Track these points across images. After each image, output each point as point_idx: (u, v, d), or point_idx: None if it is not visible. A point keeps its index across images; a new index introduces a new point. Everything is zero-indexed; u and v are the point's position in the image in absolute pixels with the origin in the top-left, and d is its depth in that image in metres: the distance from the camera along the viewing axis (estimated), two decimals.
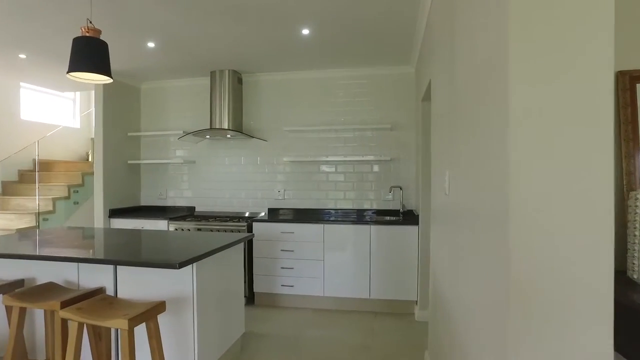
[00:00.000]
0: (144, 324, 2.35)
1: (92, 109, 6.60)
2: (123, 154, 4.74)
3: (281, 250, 4.07)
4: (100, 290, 2.36)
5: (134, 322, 1.86)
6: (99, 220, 4.39)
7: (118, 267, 2.44)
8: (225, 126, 4.45)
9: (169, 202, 4.98)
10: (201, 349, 2.39)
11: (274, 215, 4.53)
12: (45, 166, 5.97)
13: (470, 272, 1.44)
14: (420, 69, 3.54)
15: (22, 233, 3.17)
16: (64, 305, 2.09)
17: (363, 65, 4.30)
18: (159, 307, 2.05)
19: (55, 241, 2.77)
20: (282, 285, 4.07)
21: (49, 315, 2.42)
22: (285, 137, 4.65)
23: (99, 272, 2.50)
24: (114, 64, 4.23)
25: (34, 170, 5.91)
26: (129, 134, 4.81)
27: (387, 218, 4.23)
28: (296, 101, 4.63)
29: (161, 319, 2.38)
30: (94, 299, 2.11)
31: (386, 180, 4.41)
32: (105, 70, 2.53)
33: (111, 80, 2.63)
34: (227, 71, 4.47)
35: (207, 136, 4.59)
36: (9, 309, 2.39)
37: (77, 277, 2.56)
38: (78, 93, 7.08)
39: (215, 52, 3.89)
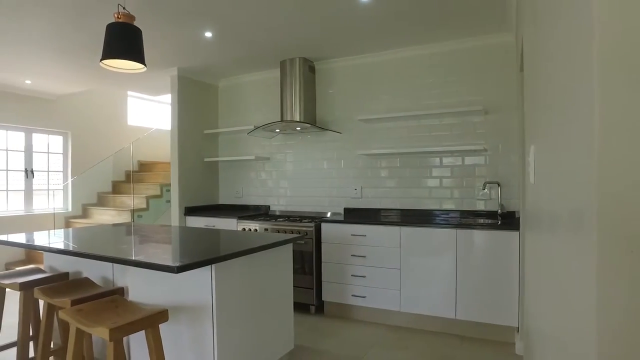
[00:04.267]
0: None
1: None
2: (200, 152, 4.75)
3: (352, 255, 3.58)
4: (119, 291, 2.18)
5: (117, 332, 1.58)
6: (175, 218, 4.43)
7: (131, 268, 2.24)
8: (297, 118, 4.13)
9: (245, 201, 4.85)
10: None
11: (350, 215, 4.06)
12: (146, 167, 6.40)
13: (548, 296, 0.81)
14: (519, 32, 2.75)
15: (86, 228, 3.24)
16: (75, 303, 1.94)
17: (445, 38, 3.59)
18: (158, 316, 1.75)
19: (108, 237, 2.72)
20: (353, 296, 3.58)
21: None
22: (362, 128, 4.15)
23: (123, 272, 2.34)
24: (184, 62, 4.23)
25: (139, 171, 6.38)
26: (205, 131, 4.80)
27: (480, 221, 3.45)
28: (373, 88, 4.10)
29: (176, 329, 2.10)
30: (102, 301, 1.91)
31: (480, 175, 3.61)
32: (137, 57, 2.37)
33: (145, 69, 2.47)
34: (297, 59, 4.15)
35: (277, 130, 4.33)
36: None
37: (112, 275, 2.44)
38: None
39: (277, 38, 3.59)
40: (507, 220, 3.37)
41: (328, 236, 3.69)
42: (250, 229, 4.04)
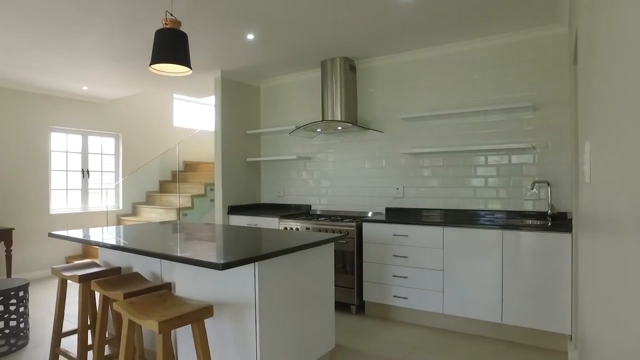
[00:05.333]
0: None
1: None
2: (242, 152, 4.85)
3: (393, 255, 3.54)
4: (167, 286, 2.26)
5: (166, 325, 1.65)
6: (218, 216, 4.55)
7: (178, 264, 2.32)
8: (338, 118, 4.13)
9: (286, 200, 4.91)
10: None
11: (391, 215, 4.01)
12: (191, 167, 6.62)
13: (609, 304, 0.77)
14: (573, 22, 2.61)
15: (136, 226, 3.39)
16: (127, 296, 2.04)
17: (492, 32, 3.47)
18: (204, 311, 1.81)
19: (156, 234, 2.83)
20: (394, 296, 3.53)
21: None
22: (404, 127, 4.09)
23: (171, 268, 2.43)
24: (227, 64, 4.33)
25: (184, 171, 6.61)
26: (248, 132, 4.90)
27: (528, 222, 3.31)
28: (414, 86, 4.03)
29: (220, 324, 2.15)
30: (151, 295, 2.00)
31: (527, 174, 3.46)
32: (183, 61, 2.45)
33: (190, 72, 2.55)
34: (337, 59, 4.15)
35: (319, 130, 4.35)
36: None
37: (160, 270, 2.54)
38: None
39: (318, 38, 3.61)
40: (558, 221, 3.21)
41: (369, 236, 3.66)
42: (291, 228, 4.08)
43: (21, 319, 3.02)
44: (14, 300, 2.95)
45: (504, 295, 3.02)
